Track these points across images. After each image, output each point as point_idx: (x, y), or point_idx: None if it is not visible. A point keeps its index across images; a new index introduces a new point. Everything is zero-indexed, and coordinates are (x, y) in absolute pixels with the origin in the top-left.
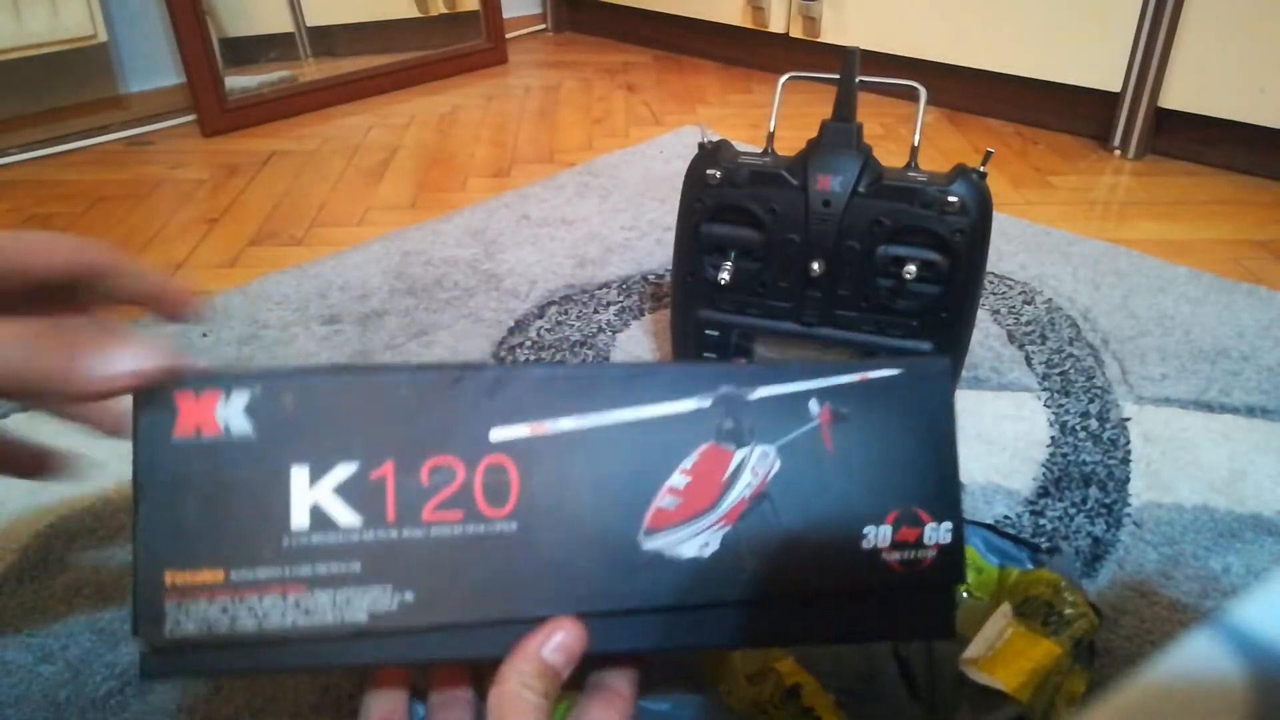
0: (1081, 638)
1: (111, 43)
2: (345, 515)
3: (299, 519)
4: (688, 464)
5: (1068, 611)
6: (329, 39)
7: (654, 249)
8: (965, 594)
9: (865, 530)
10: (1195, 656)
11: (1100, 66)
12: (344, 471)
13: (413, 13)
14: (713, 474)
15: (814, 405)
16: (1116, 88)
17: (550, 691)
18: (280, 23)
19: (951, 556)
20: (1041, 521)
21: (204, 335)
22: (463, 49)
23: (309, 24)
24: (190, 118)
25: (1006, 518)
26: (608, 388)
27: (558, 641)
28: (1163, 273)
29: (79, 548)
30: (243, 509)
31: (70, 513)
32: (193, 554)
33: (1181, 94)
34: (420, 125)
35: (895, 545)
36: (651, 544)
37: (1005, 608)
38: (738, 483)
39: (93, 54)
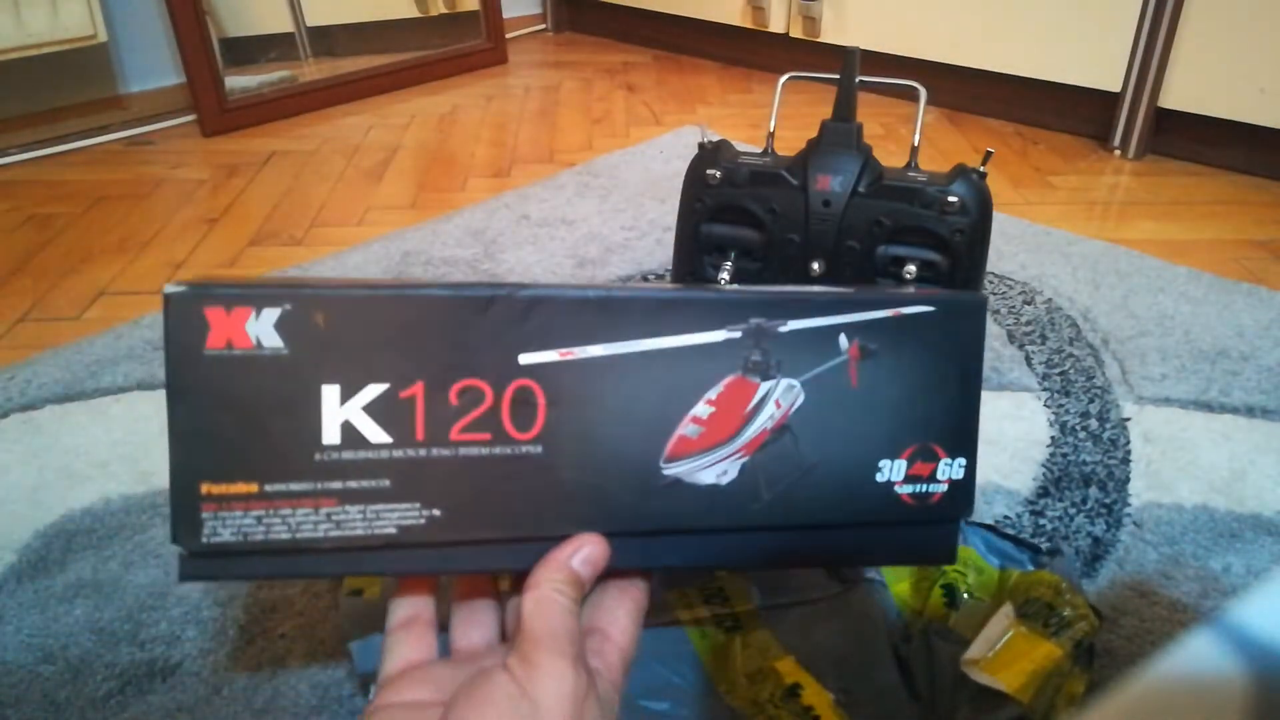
0: (1082, 639)
1: (111, 43)
2: (375, 433)
3: (330, 435)
4: (713, 394)
5: (1068, 613)
6: (329, 39)
7: (654, 249)
8: (966, 595)
9: (880, 464)
10: (1195, 657)
11: (1100, 66)
12: (374, 391)
13: (413, 13)
14: (736, 405)
15: (843, 340)
16: (1116, 88)
17: (577, 599)
18: (280, 23)
19: (961, 490)
20: (1041, 522)
21: None
22: (463, 49)
23: (309, 24)
24: (190, 118)
25: (1006, 518)
26: (638, 315)
27: (585, 554)
28: (1163, 273)
29: (79, 548)
30: (275, 423)
31: (70, 513)
32: (227, 466)
33: (1181, 94)
34: (420, 125)
35: (908, 479)
36: (671, 470)
37: (1007, 609)
38: (760, 415)
39: (93, 54)
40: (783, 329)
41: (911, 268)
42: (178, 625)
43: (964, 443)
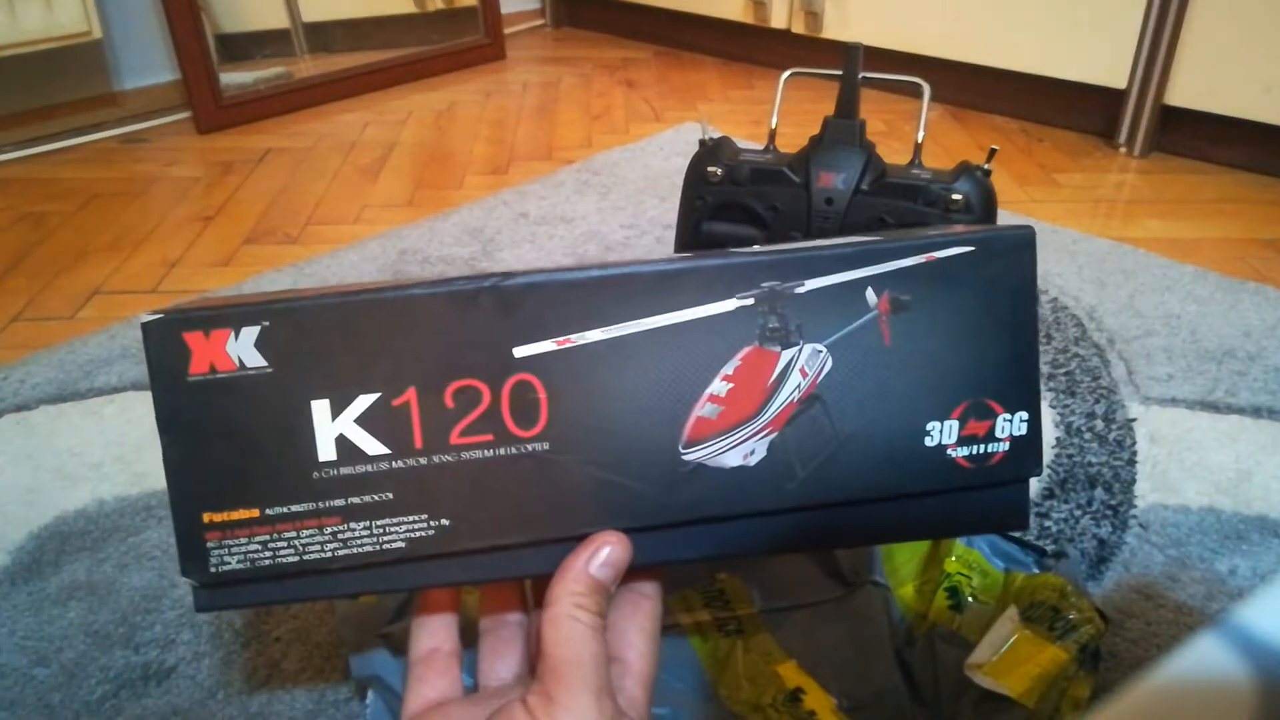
0: (1087, 643)
1: (106, 39)
2: (372, 445)
3: (326, 451)
4: (729, 369)
5: (1073, 616)
6: (325, 35)
7: (654, 247)
8: (971, 598)
9: (929, 427)
10: (1201, 660)
11: (1105, 63)
12: (365, 402)
13: (410, 8)
14: (757, 378)
15: (871, 294)
16: (1122, 84)
17: (602, 608)
18: (276, 19)
19: (1026, 447)
20: (1047, 524)
21: None
22: (460, 45)
23: (305, 20)
24: (185, 115)
25: None
26: (638, 292)
27: (604, 557)
28: (1169, 271)
29: (73, 550)
30: (269, 444)
31: (64, 514)
32: (226, 493)
33: (1187, 91)
34: (417, 122)
35: (962, 441)
36: (693, 455)
37: (1011, 612)
38: (785, 386)
39: (87, 51)
40: (800, 290)
41: None
42: (172, 628)
43: (1024, 396)
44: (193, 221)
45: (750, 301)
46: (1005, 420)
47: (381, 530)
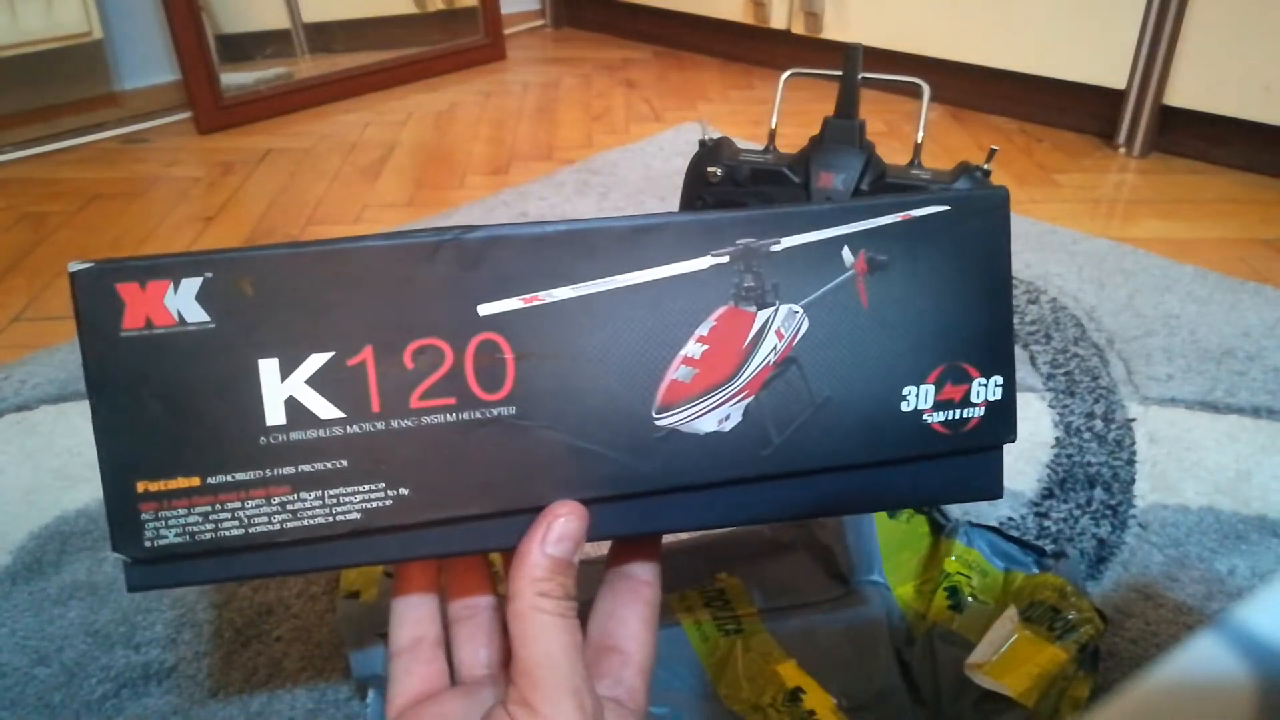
0: (1087, 642)
1: (107, 39)
2: (325, 408)
3: (274, 415)
4: (704, 330)
5: (1073, 616)
6: (326, 35)
7: None
8: (970, 598)
9: (905, 391)
10: (1200, 660)
11: (1105, 63)
12: (317, 361)
13: (410, 9)
14: (732, 340)
15: (847, 254)
16: (1121, 85)
17: (567, 589)
18: (277, 19)
19: (1002, 413)
20: (1046, 523)
21: None
22: (461, 45)
23: (305, 20)
24: (186, 115)
25: (1011, 519)
26: (610, 248)
27: (558, 532)
28: (1168, 272)
29: (73, 550)
30: (211, 407)
31: (65, 514)
32: (162, 461)
33: (1187, 92)
34: (418, 122)
35: (938, 406)
36: (666, 420)
37: (1011, 612)
38: (760, 348)
39: (88, 51)
40: (775, 248)
41: None
42: (173, 628)
43: (999, 359)
44: (193, 222)
45: (725, 259)
46: (980, 385)
47: (335, 501)
